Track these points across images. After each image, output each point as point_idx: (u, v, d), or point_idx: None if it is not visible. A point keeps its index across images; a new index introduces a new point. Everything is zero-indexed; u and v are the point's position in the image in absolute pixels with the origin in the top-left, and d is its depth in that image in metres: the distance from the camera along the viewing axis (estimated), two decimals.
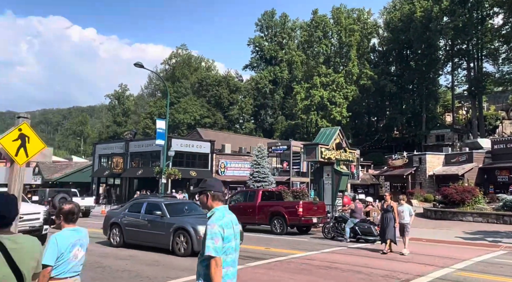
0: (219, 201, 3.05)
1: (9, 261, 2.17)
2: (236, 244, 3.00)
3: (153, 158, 34.39)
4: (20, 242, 2.28)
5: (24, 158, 7.63)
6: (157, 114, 75.77)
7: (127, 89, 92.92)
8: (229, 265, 2.91)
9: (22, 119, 7.62)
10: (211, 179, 3.30)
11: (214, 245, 2.79)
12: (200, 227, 9.80)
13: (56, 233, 3.47)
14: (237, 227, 3.04)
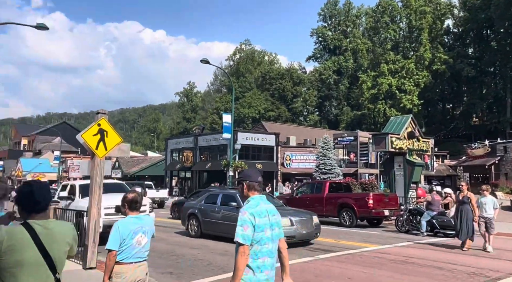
0: (254, 191, 3.04)
1: (39, 245, 2.22)
2: (272, 234, 2.92)
3: (220, 151, 35.33)
4: (50, 227, 2.32)
5: (104, 151, 8.18)
6: (223, 109, 77.77)
7: (194, 86, 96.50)
8: (265, 255, 2.86)
9: (100, 115, 8.16)
10: (249, 169, 3.34)
11: (243, 232, 2.77)
12: None
13: (119, 220, 3.64)
14: (273, 218, 2.98)
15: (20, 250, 2.17)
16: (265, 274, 2.85)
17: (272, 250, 2.92)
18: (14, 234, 2.20)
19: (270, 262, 2.89)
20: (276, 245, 2.98)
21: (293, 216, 10.02)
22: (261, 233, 2.83)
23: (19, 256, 2.16)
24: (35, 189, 2.34)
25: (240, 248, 2.77)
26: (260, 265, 2.82)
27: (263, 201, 3.01)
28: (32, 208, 2.32)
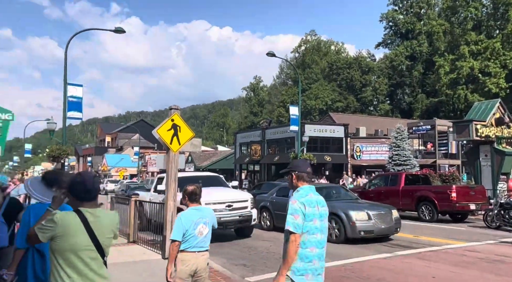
0: (303, 181, 3.02)
1: (89, 231, 2.40)
2: (322, 225, 2.92)
3: (288, 144, 35.19)
4: (98, 216, 2.48)
5: (177, 146, 8.45)
6: (289, 102, 77.29)
7: (260, 80, 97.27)
8: (313, 245, 2.85)
9: (173, 111, 8.43)
10: (298, 159, 3.32)
11: (294, 221, 2.78)
12: (353, 212, 9.35)
13: (181, 212, 3.82)
14: (323, 209, 2.96)
15: (73, 234, 2.36)
16: (312, 264, 2.84)
17: (321, 240, 2.91)
18: (68, 220, 2.39)
19: (318, 252, 2.88)
20: (325, 236, 2.96)
21: (370, 210, 9.54)
22: (310, 223, 2.84)
23: (73, 240, 2.35)
24: (86, 179, 2.52)
25: (291, 236, 2.78)
26: (308, 254, 2.82)
27: (312, 191, 2.98)
28: (84, 197, 2.49)
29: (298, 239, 2.77)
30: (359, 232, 9.13)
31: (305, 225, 2.81)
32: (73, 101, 17.83)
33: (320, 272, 2.92)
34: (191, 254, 3.69)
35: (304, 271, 2.82)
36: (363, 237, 9.21)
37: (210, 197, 9.10)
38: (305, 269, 2.82)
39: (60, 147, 17.33)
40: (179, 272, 3.69)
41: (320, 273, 2.92)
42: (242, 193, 10.99)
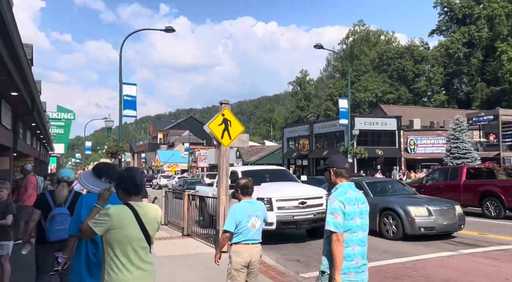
0: (342, 178, 2.95)
1: (140, 223, 2.57)
2: (363, 223, 2.87)
3: (337, 138, 34.45)
4: (146, 209, 2.65)
5: (228, 140, 8.46)
6: (337, 95, 75.63)
7: (307, 74, 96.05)
8: (355, 244, 2.81)
9: (224, 105, 8.45)
10: (335, 155, 3.23)
11: (334, 220, 2.73)
12: (412, 207, 8.85)
13: (234, 204, 3.90)
14: (363, 206, 2.90)
15: (127, 226, 2.52)
16: (354, 263, 2.80)
17: (363, 238, 2.86)
18: (122, 213, 2.55)
19: (360, 250, 2.83)
20: (366, 233, 2.91)
21: (431, 205, 8.99)
22: (351, 221, 2.79)
23: (126, 231, 2.52)
24: (136, 174, 2.67)
25: (333, 236, 2.73)
26: (350, 253, 2.79)
27: (352, 188, 2.92)
28: (133, 191, 2.64)
29: (341, 238, 2.73)
30: (418, 228, 8.63)
31: (346, 224, 2.77)
32: (128, 100, 18.62)
33: (363, 270, 2.87)
34: (245, 246, 3.77)
35: (347, 270, 2.78)
36: (423, 234, 8.70)
37: (282, 193, 8.55)
38: (347, 268, 2.78)
39: (117, 144, 18.16)
40: (234, 263, 3.78)
41: (363, 271, 2.87)
42: (316, 189, 9.59)
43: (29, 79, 6.63)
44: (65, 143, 33.69)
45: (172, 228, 11.02)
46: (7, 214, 4.85)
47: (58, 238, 4.00)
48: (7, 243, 4.97)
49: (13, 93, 6.93)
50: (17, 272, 5.69)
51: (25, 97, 7.41)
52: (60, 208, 4.07)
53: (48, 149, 24.44)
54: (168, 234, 10.14)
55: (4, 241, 4.92)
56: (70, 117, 30.99)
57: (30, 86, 6.97)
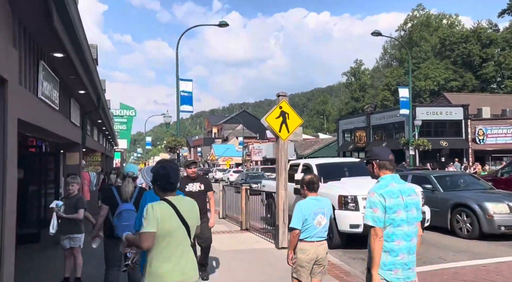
0: (386, 170, 2.85)
1: (180, 217, 2.62)
2: (408, 216, 2.72)
3: (396, 129, 32.88)
4: (183, 202, 2.71)
5: (286, 133, 8.24)
6: (394, 85, 72.41)
7: (362, 64, 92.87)
8: (399, 238, 2.68)
9: (281, 98, 8.22)
10: (377, 147, 3.16)
11: (372, 214, 2.66)
12: (490, 203, 8.09)
13: (300, 201, 3.82)
14: (409, 198, 2.76)
15: (169, 220, 2.59)
16: (400, 258, 2.68)
17: (409, 232, 2.73)
18: (163, 208, 2.62)
19: (406, 245, 2.71)
20: (413, 228, 2.76)
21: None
22: (393, 215, 2.67)
23: (169, 224, 2.58)
24: (170, 172, 2.71)
25: (371, 231, 2.66)
26: (394, 248, 2.68)
27: (395, 180, 2.81)
28: (167, 188, 2.70)
29: (379, 233, 2.63)
30: (498, 227, 7.84)
31: (388, 218, 2.67)
32: (184, 96, 19.14)
33: (410, 267, 2.74)
34: (311, 243, 3.73)
35: (392, 266, 2.67)
36: (504, 233, 7.89)
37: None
38: (393, 263, 2.67)
39: (175, 139, 18.72)
40: (299, 260, 3.76)
41: (410, 268, 2.74)
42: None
43: (95, 78, 6.88)
44: (128, 138, 35.53)
45: (230, 222, 11.07)
46: (79, 208, 5.05)
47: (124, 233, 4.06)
48: (79, 236, 5.18)
49: (81, 91, 7.24)
50: (89, 264, 5.95)
51: (92, 95, 7.74)
52: (126, 204, 4.12)
53: (112, 144, 25.87)
54: (226, 228, 10.19)
55: (76, 234, 5.14)
56: (132, 114, 32.59)
57: (96, 85, 7.25)
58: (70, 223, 5.09)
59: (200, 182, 5.53)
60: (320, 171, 8.56)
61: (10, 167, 3.14)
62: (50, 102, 4.79)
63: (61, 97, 5.97)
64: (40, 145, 11.63)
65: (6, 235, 3.09)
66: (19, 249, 7.61)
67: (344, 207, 7.21)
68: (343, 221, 7.20)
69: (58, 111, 5.66)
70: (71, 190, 5.12)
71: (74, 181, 5.13)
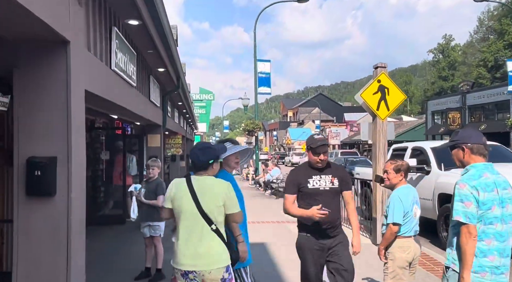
0: (479, 155, 2.38)
1: (192, 195, 2.46)
2: (503, 213, 2.31)
3: (498, 109, 28.92)
4: (204, 181, 2.53)
5: (386, 112, 7.04)
6: (492, 61, 64.73)
7: (452, 39, 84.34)
8: (489, 237, 2.29)
9: (380, 70, 7.01)
10: (466, 128, 2.70)
11: (465, 209, 2.27)
12: None
13: (396, 191, 3.37)
14: (505, 192, 2.34)
15: (180, 198, 2.50)
16: (489, 260, 2.30)
17: (503, 232, 2.32)
18: (179, 184, 2.56)
19: (497, 246, 2.31)
20: (509, 227, 2.35)
21: None
22: (487, 211, 2.28)
23: (180, 202, 2.49)
24: (193, 152, 2.60)
25: (463, 229, 2.28)
26: (483, 249, 2.30)
27: (489, 170, 2.38)
28: (192, 167, 2.61)
29: (473, 231, 2.27)
30: None
31: (480, 214, 2.31)
32: (262, 77, 18.55)
33: (503, 271, 2.36)
34: (410, 239, 3.31)
35: (479, 268, 2.31)
36: None
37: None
38: (480, 265, 2.32)
39: (253, 121, 18.27)
40: (398, 260, 3.27)
41: (503, 272, 2.36)
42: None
43: (174, 54, 6.43)
44: (207, 122, 36.36)
45: None
46: (158, 194, 4.58)
47: None
48: (159, 224, 4.74)
49: (160, 69, 6.86)
50: None
51: (171, 74, 7.34)
52: None
53: (193, 127, 26.43)
54: None
55: (156, 221, 4.70)
56: (210, 98, 33.10)
57: (175, 62, 6.82)
58: (149, 209, 4.67)
59: (332, 175, 3.33)
60: (438, 156, 7.13)
61: (76, 146, 2.61)
62: (126, 76, 4.31)
63: (139, 73, 5.54)
64: (126, 127, 11.86)
65: (73, 225, 2.59)
66: (106, 230, 7.64)
67: None
68: None
69: (136, 88, 5.23)
70: (151, 173, 4.66)
71: (155, 164, 4.66)
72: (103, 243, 6.71)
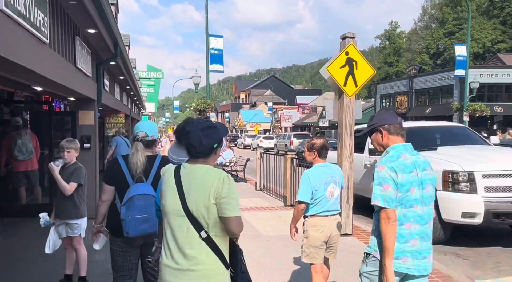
0: (397, 135, 2.32)
1: (179, 190, 1.84)
2: (424, 195, 2.23)
3: (443, 93, 30.03)
4: (194, 172, 1.86)
5: (353, 88, 6.30)
6: (434, 48, 68.15)
7: (397, 26, 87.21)
8: (410, 221, 2.20)
9: (348, 40, 6.24)
10: (380, 111, 2.57)
11: (383, 193, 2.17)
12: None
13: (308, 170, 3.40)
14: (425, 173, 2.25)
15: (164, 192, 1.90)
16: (410, 244, 2.20)
17: (423, 214, 2.23)
18: (166, 174, 1.94)
19: (418, 229, 2.22)
20: (429, 209, 2.27)
21: None
22: (406, 193, 2.19)
23: (163, 199, 1.90)
24: (191, 131, 1.88)
25: (382, 213, 2.16)
26: (403, 233, 2.20)
27: (408, 150, 2.29)
28: (188, 152, 1.91)
29: (391, 215, 2.13)
30: None
31: (399, 196, 2.18)
32: (214, 54, 17.39)
33: (425, 256, 2.23)
34: (324, 218, 3.28)
35: (401, 254, 2.18)
36: None
37: (492, 164, 5.38)
38: (401, 251, 2.18)
39: (204, 101, 17.16)
40: (311, 239, 3.27)
41: (425, 256, 2.23)
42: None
43: (108, 15, 5.24)
44: (156, 101, 34.47)
45: (270, 195, 9.57)
46: (72, 181, 3.54)
47: (138, 233, 2.51)
48: (78, 221, 3.69)
49: (90, 30, 5.61)
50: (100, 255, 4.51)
51: (106, 39, 6.11)
52: (139, 185, 2.55)
53: (140, 107, 24.68)
54: (267, 203, 8.69)
55: (73, 219, 3.65)
56: (159, 76, 31.23)
57: (109, 24, 5.61)
58: (65, 203, 3.61)
59: None
60: (408, 137, 6.56)
61: None
62: (28, 25, 3.15)
63: (56, 29, 4.33)
64: (56, 103, 10.32)
65: None
66: (19, 223, 6.38)
67: (452, 187, 5.35)
68: (451, 207, 5.29)
69: (51, 47, 4.03)
70: (67, 157, 3.58)
71: (71, 145, 3.59)
72: (13, 240, 5.53)
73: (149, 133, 2.68)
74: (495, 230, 6.47)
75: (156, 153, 2.77)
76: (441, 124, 8.14)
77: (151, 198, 2.44)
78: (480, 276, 4.49)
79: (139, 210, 2.45)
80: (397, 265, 2.18)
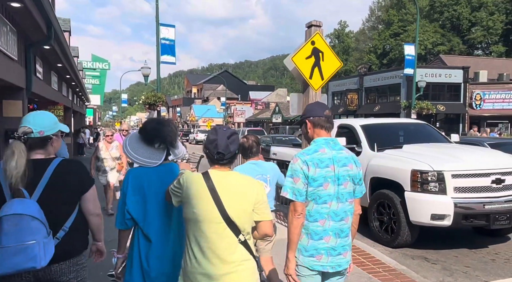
0: (320, 128, 2.27)
1: (215, 199, 1.88)
2: (339, 191, 2.18)
3: (391, 91, 31.05)
4: (229, 179, 1.95)
5: (320, 81, 5.87)
6: (381, 48, 71.09)
7: (346, 26, 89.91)
8: (323, 217, 2.16)
9: (314, 29, 5.82)
10: (311, 103, 2.56)
11: (292, 185, 2.15)
12: None
13: (237, 167, 3.46)
14: (343, 169, 2.19)
15: (196, 200, 1.89)
16: (324, 241, 2.16)
17: (338, 211, 2.18)
18: (194, 181, 1.93)
19: (333, 226, 2.18)
20: (346, 206, 2.21)
21: None
22: (319, 188, 2.14)
23: (194, 207, 1.89)
24: (219, 138, 1.95)
25: (290, 206, 2.17)
26: (317, 230, 2.16)
27: (327, 145, 2.22)
28: (215, 158, 1.97)
29: (298, 208, 2.12)
30: None
31: (311, 191, 2.14)
32: (165, 44, 16.43)
33: (341, 252, 2.19)
34: None
35: (315, 251, 2.15)
36: None
37: (462, 163, 5.14)
38: (315, 248, 2.16)
39: (155, 94, 16.14)
40: None
41: (341, 253, 2.19)
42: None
43: None
44: (101, 94, 32.41)
45: None
46: None
47: (6, 270, 1.77)
48: None
49: (14, 3, 4.66)
50: None
51: (35, 15, 5.15)
52: (13, 201, 1.81)
53: (83, 99, 22.89)
54: None
55: None
56: (105, 67, 29.28)
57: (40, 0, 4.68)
58: None
59: None
60: (370, 135, 6.29)
61: None
62: None
63: None
64: None
65: None
66: None
67: (421, 187, 5.07)
68: (419, 208, 5.00)
69: None
70: None
71: None
72: None
73: (35, 129, 1.97)
74: (458, 229, 6.40)
75: (51, 155, 2.04)
76: (404, 121, 8.02)
77: (29, 220, 1.75)
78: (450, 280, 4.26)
79: (8, 237, 1.74)
80: (311, 262, 2.15)
